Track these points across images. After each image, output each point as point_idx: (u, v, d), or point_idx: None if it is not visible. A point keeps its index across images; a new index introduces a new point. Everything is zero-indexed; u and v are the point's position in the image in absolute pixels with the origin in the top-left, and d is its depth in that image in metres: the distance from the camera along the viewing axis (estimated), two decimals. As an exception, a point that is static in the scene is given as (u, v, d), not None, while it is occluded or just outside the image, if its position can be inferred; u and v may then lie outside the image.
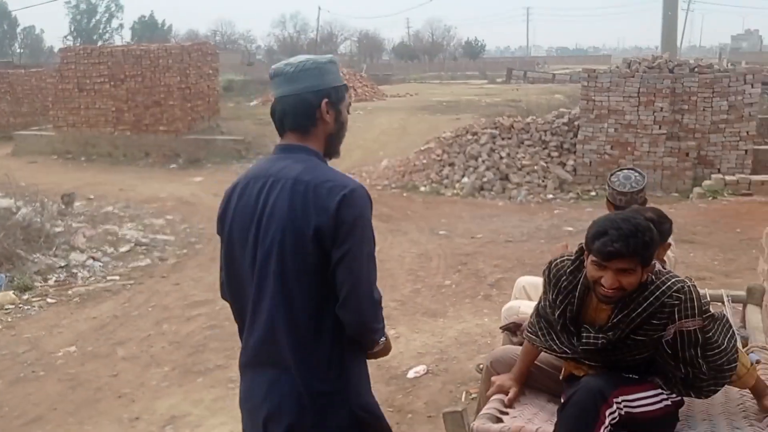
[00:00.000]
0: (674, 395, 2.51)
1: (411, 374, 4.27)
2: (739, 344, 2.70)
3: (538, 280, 3.78)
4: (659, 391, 2.46)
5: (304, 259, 1.82)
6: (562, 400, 2.60)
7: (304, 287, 1.84)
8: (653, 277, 2.37)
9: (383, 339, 1.99)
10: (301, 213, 1.81)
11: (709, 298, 2.60)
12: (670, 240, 3.16)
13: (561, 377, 2.78)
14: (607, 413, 2.30)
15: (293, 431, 1.87)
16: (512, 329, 3.40)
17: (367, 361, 2.14)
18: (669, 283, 2.36)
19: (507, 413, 2.74)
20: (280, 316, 1.85)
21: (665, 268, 2.59)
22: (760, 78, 12.59)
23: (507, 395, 2.81)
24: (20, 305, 5.92)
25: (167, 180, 13.51)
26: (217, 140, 16.20)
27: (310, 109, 1.92)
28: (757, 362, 2.75)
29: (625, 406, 2.36)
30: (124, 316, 5.63)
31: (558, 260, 2.58)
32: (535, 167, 12.10)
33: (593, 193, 11.67)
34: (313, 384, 1.85)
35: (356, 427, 1.92)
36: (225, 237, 1.98)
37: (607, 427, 2.31)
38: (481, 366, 4.03)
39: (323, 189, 1.81)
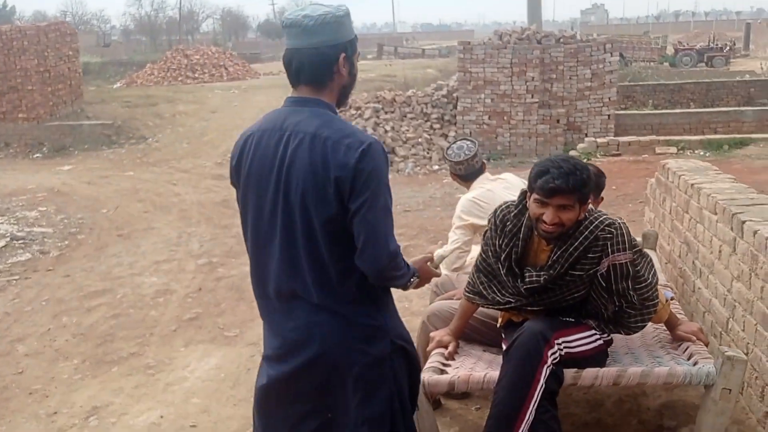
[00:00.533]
0: (605, 335, 2.72)
1: (335, 343, 4.31)
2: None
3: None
4: (593, 332, 2.67)
5: (327, 210, 1.87)
6: (504, 347, 2.76)
7: (329, 237, 1.89)
8: (587, 214, 2.57)
9: (412, 280, 2.07)
10: (321, 168, 1.85)
11: None
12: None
13: (499, 324, 2.94)
14: (549, 353, 2.47)
15: (344, 355, 1.94)
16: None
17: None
18: (601, 218, 2.57)
19: (449, 365, 2.87)
20: (308, 261, 1.91)
21: None
22: (618, 47, 13.52)
23: (446, 349, 2.94)
24: None
25: (33, 170, 12.61)
26: (83, 126, 15.27)
27: (328, 63, 1.93)
28: (672, 299, 3.03)
29: (565, 347, 2.54)
30: (16, 312, 5.26)
31: (503, 206, 2.73)
32: (419, 139, 12.38)
33: (475, 162, 12.11)
34: (355, 318, 1.95)
35: (397, 353, 2.04)
36: (241, 186, 2.00)
37: (549, 366, 2.47)
38: None
39: (342, 145, 1.85)
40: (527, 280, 2.61)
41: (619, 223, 2.60)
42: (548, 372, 2.45)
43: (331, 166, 1.84)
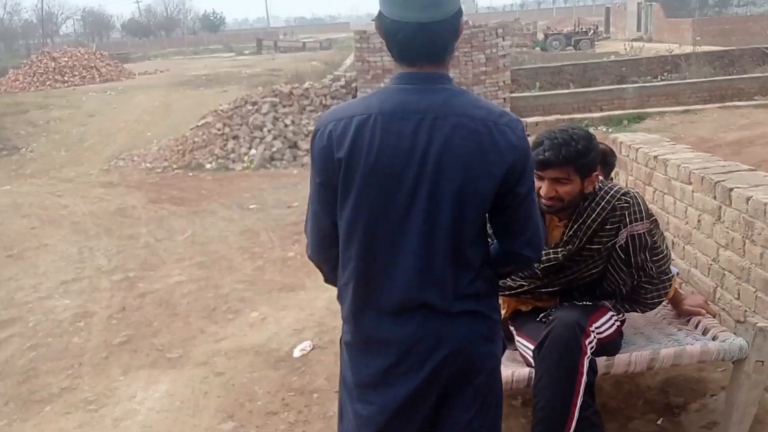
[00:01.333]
0: (621, 315, 2.60)
1: (297, 353, 3.97)
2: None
3: None
4: (612, 313, 2.53)
5: (488, 201, 1.62)
6: (520, 341, 2.56)
7: (475, 232, 1.65)
8: (600, 185, 2.45)
9: None
10: (493, 154, 1.59)
11: None
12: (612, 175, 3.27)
13: (504, 316, 2.74)
14: (587, 343, 2.30)
15: (474, 358, 1.71)
16: None
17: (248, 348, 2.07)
18: (616, 188, 2.48)
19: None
20: (449, 265, 1.64)
21: None
22: (510, 32, 13.78)
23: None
24: None
25: None
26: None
27: (455, 33, 1.66)
28: (677, 274, 2.95)
29: (597, 334, 2.38)
30: None
31: None
32: (321, 132, 12.06)
33: (380, 152, 11.97)
34: (489, 313, 1.73)
35: (502, 351, 1.90)
36: (355, 182, 1.62)
37: (588, 357, 2.30)
38: None
39: (503, 126, 1.61)
40: (544, 258, 2.45)
41: (633, 193, 2.49)
42: (587, 363, 2.28)
43: (504, 150, 1.60)
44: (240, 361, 3.98)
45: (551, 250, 2.45)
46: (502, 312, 2.76)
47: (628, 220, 2.43)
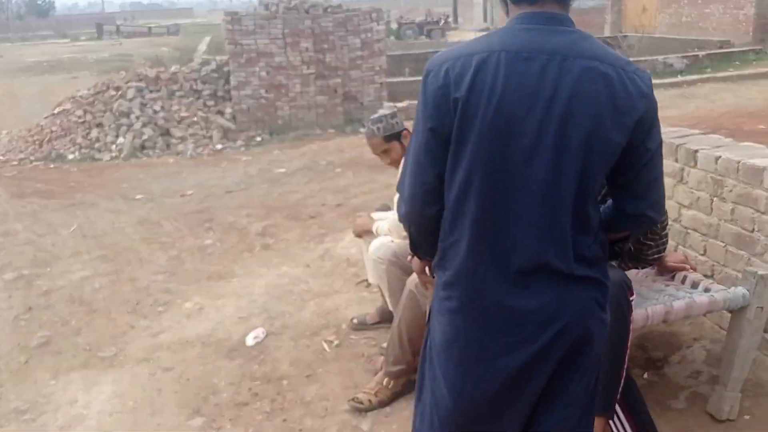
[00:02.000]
0: (623, 274, 2.65)
1: (251, 341, 3.72)
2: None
3: (383, 214, 3.54)
4: (622, 272, 2.57)
5: (613, 153, 1.51)
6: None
7: (596, 188, 1.54)
8: None
9: None
10: (623, 100, 1.47)
11: None
12: None
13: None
14: (631, 300, 2.32)
15: (589, 328, 1.59)
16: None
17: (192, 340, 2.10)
18: None
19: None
20: (572, 222, 1.52)
21: None
22: (382, 16, 13.86)
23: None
24: None
25: None
26: None
27: None
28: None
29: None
30: None
31: None
32: (195, 118, 11.47)
33: (259, 139, 11.59)
34: (602, 278, 1.61)
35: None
36: (475, 124, 1.48)
37: (633, 315, 2.33)
38: (355, 320, 3.74)
39: (632, 73, 1.51)
40: None
41: None
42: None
43: (635, 98, 1.49)
44: (187, 353, 3.67)
45: None
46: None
47: None
